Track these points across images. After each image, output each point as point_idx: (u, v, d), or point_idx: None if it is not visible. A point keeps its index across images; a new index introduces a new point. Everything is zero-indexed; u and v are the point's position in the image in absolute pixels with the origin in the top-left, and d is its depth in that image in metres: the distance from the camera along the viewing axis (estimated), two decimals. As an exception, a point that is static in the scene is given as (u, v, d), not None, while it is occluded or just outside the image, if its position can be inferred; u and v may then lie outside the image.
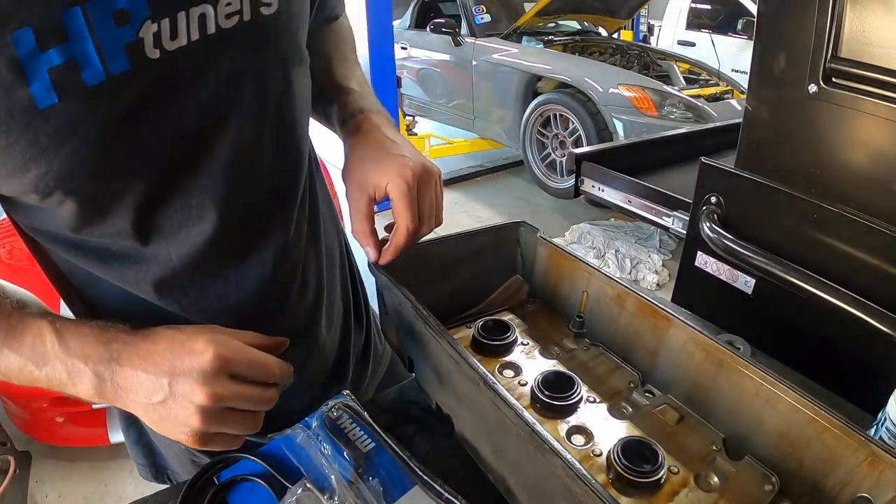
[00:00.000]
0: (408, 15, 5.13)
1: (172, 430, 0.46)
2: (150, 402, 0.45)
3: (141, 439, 0.77)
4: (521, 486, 0.49)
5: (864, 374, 0.85)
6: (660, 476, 0.51)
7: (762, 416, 0.52)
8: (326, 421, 0.64)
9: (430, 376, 0.61)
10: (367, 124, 0.63)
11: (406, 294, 0.56)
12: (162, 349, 0.45)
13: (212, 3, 0.43)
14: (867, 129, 0.90)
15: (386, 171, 0.56)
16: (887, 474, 0.43)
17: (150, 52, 0.41)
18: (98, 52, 0.39)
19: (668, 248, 3.28)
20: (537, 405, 0.60)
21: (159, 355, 0.45)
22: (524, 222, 0.74)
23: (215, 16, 0.44)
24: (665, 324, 0.60)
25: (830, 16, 0.87)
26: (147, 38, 0.40)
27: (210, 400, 0.44)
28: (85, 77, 0.39)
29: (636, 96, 3.42)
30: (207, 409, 0.44)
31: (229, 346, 0.45)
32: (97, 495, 1.82)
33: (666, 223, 2.14)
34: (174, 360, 0.44)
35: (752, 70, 1.02)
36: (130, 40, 0.40)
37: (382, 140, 0.60)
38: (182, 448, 0.70)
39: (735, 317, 1.10)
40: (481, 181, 4.63)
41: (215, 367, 0.44)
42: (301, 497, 0.53)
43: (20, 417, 1.84)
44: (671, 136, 2.77)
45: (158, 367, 0.44)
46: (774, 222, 1.00)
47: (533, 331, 0.72)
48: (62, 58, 0.37)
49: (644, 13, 6.65)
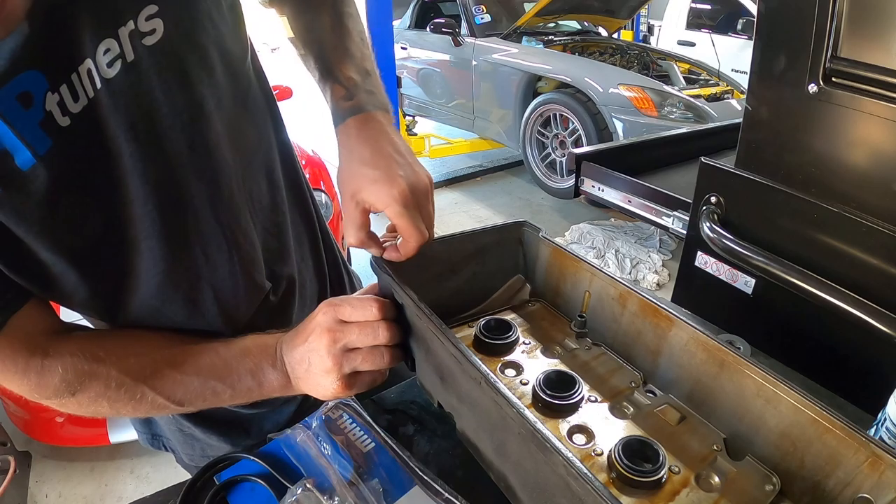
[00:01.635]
0: (408, 15, 5.13)
1: (325, 384, 0.56)
2: (304, 371, 0.56)
3: None
4: (523, 484, 0.49)
5: (863, 374, 0.85)
6: (661, 476, 0.51)
7: (763, 416, 0.52)
8: (326, 421, 0.64)
9: (432, 375, 0.61)
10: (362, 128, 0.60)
11: (408, 293, 0.56)
12: (300, 330, 0.57)
13: (91, 55, 0.44)
14: (867, 128, 0.90)
15: (381, 192, 0.54)
16: (888, 475, 0.43)
17: (62, 121, 0.43)
18: (20, 138, 0.41)
19: (668, 248, 3.29)
20: (539, 404, 0.60)
21: (299, 335, 0.57)
22: (526, 222, 0.74)
23: (96, 67, 0.44)
24: (667, 324, 0.60)
25: (830, 16, 0.87)
26: (54, 109, 0.43)
27: (331, 342, 0.54)
28: (19, 163, 0.42)
29: (636, 96, 3.42)
30: (334, 351, 0.54)
31: (333, 301, 0.56)
32: (97, 495, 1.82)
33: (666, 223, 2.14)
34: (306, 332, 0.56)
35: (752, 70, 1.02)
36: (41, 118, 0.42)
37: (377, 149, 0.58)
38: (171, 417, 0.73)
39: (735, 317, 1.11)
40: (481, 181, 4.63)
41: (327, 318, 0.55)
42: (301, 497, 0.53)
43: (20, 417, 1.83)
44: (671, 136, 2.77)
45: (300, 342, 0.56)
46: (774, 222, 1.00)
47: (534, 330, 0.72)
48: None
49: (644, 13, 6.65)
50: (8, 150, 0.41)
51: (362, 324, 0.55)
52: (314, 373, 0.55)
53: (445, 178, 4.58)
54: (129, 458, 1.95)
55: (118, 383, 0.53)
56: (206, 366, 0.57)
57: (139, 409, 0.56)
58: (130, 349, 0.55)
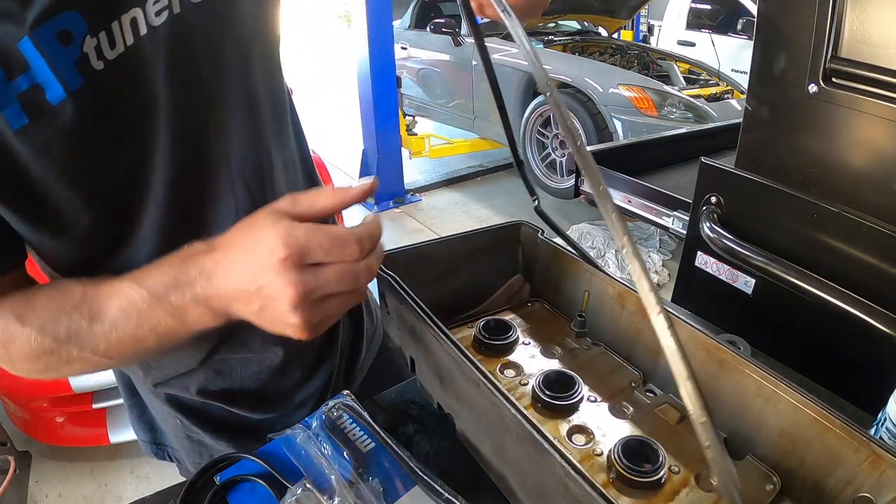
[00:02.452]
0: (408, 15, 5.13)
1: (283, 331, 0.45)
2: (250, 311, 0.45)
3: (143, 416, 0.77)
4: (522, 485, 0.49)
5: (863, 374, 0.85)
6: (660, 476, 0.51)
7: (763, 415, 0.52)
8: (326, 421, 0.64)
9: (432, 376, 0.61)
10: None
11: (408, 293, 0.56)
12: (239, 261, 0.44)
13: (140, 5, 0.46)
14: (867, 129, 0.90)
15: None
16: (888, 474, 0.43)
17: (96, 65, 0.45)
18: (55, 73, 0.43)
19: (668, 248, 3.29)
20: (538, 405, 0.60)
21: (238, 270, 0.44)
22: (526, 222, 0.74)
23: (145, 16, 0.47)
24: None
25: (830, 16, 0.87)
26: (90, 52, 0.44)
27: (298, 297, 0.42)
28: (49, 97, 0.43)
29: (636, 96, 3.42)
30: (301, 305, 0.43)
31: (297, 237, 0.42)
32: (97, 495, 1.82)
33: (666, 223, 2.14)
34: (252, 270, 0.43)
35: (752, 70, 1.02)
36: (77, 57, 0.44)
37: None
38: (178, 424, 0.72)
39: (735, 317, 1.10)
40: (481, 181, 4.63)
41: (290, 264, 0.41)
42: (301, 497, 0.53)
43: (20, 417, 1.83)
44: (671, 136, 2.77)
45: (242, 280, 0.43)
46: (774, 222, 1.00)
47: (534, 330, 0.72)
48: (28, 83, 0.42)
49: (644, 13, 6.65)
50: (40, 84, 0.43)
51: (340, 268, 0.43)
52: (268, 319, 0.45)
53: (445, 178, 4.58)
54: (129, 458, 1.95)
55: (39, 343, 0.49)
56: (119, 315, 0.48)
57: (71, 367, 0.50)
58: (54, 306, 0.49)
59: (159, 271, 0.47)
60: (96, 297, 0.48)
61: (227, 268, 0.44)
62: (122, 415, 1.84)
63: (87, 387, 1.73)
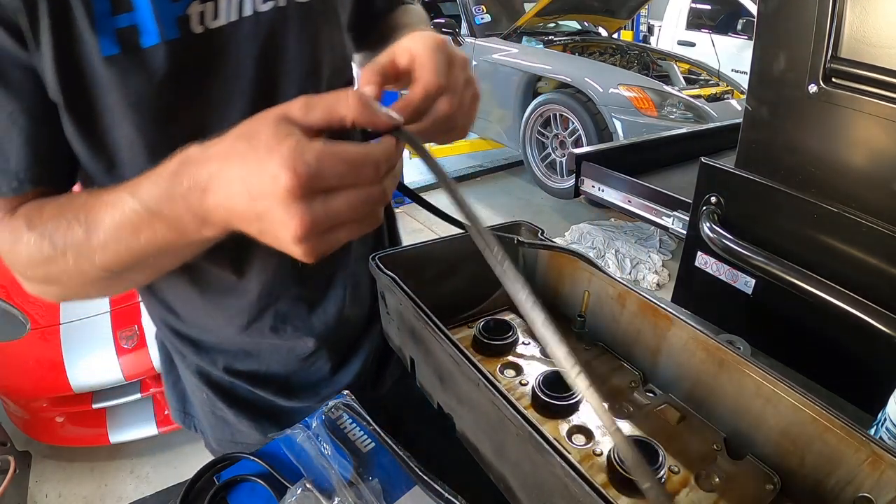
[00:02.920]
0: (408, 15, 5.12)
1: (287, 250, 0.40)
2: (250, 231, 0.40)
3: (177, 385, 0.79)
4: (522, 485, 0.49)
5: (863, 374, 0.85)
6: (660, 476, 0.51)
7: (763, 415, 0.52)
8: (326, 421, 0.64)
9: (432, 376, 0.61)
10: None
11: (408, 294, 0.56)
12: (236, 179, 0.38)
13: None
14: (867, 129, 0.90)
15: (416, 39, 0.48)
16: (888, 474, 0.43)
17: (195, 27, 0.49)
18: (156, 19, 0.47)
19: (668, 248, 3.28)
20: (538, 405, 0.60)
21: (235, 190, 0.38)
22: (525, 222, 0.74)
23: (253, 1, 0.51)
24: (666, 323, 0.60)
25: (830, 16, 0.87)
26: (193, 15, 0.49)
27: (304, 230, 0.36)
28: (143, 40, 0.47)
29: (636, 96, 3.42)
30: (307, 237, 0.37)
31: (307, 163, 0.35)
32: (97, 495, 1.82)
33: (666, 223, 2.14)
34: (251, 193, 0.37)
35: (752, 70, 1.02)
36: (180, 14, 0.48)
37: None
38: (205, 398, 0.73)
39: (735, 317, 1.11)
40: (481, 181, 4.63)
41: (296, 195, 0.35)
42: (301, 497, 0.53)
43: (20, 417, 1.84)
44: (671, 136, 2.77)
45: (240, 201, 0.38)
46: (774, 222, 1.00)
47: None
48: (127, 22, 0.46)
49: (644, 13, 6.66)
50: (137, 26, 0.46)
51: (353, 195, 0.38)
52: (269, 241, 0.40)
53: (445, 178, 4.57)
54: (129, 458, 1.95)
55: (37, 248, 0.47)
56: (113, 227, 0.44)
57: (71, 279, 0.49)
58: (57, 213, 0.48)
59: (152, 181, 0.42)
60: (94, 207, 0.45)
61: (223, 184, 0.38)
62: (122, 415, 1.85)
63: (88, 387, 1.73)
